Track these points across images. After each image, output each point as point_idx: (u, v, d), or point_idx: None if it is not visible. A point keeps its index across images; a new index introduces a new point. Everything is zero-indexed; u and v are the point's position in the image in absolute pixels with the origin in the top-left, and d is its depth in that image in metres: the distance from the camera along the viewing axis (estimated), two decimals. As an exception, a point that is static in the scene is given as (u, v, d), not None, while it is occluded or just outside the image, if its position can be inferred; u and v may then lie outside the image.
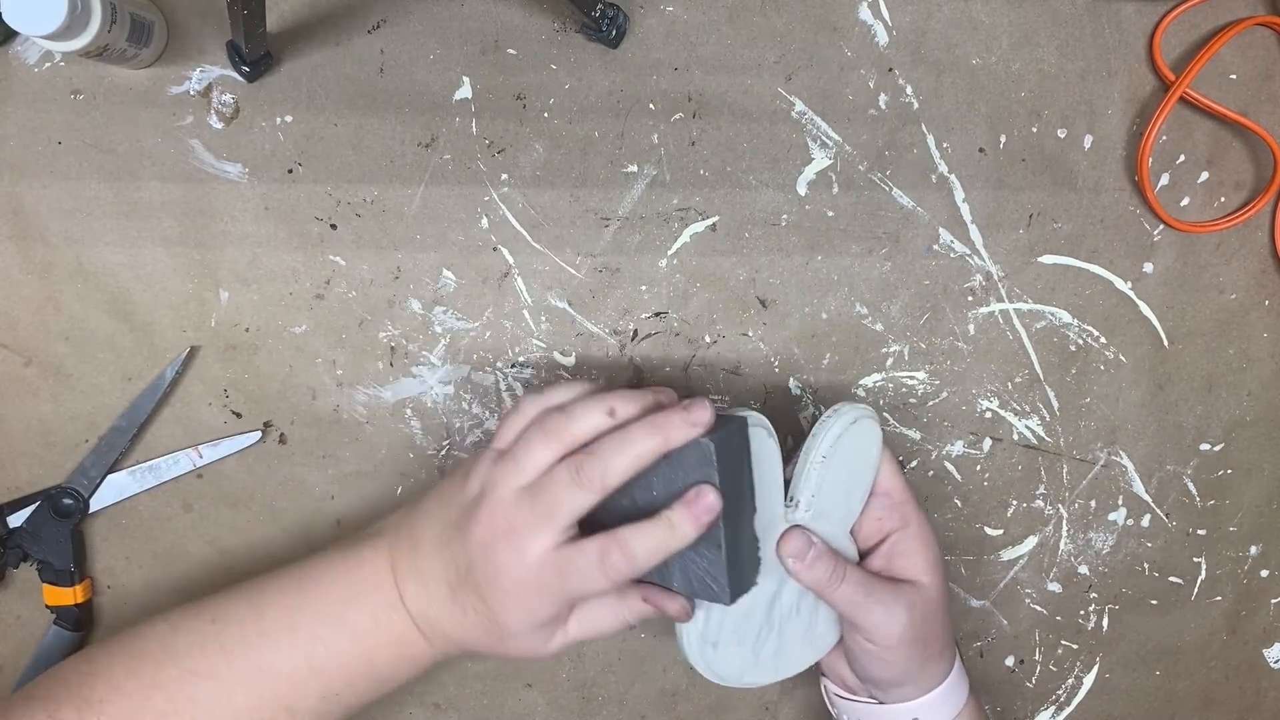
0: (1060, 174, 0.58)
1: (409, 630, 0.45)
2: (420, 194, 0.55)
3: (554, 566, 0.41)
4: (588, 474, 0.41)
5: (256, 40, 0.49)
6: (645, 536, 0.41)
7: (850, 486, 0.49)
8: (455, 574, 0.43)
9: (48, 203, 0.53)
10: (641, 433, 0.41)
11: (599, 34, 0.53)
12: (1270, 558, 0.62)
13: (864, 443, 0.49)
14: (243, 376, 0.55)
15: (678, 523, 0.42)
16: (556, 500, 0.41)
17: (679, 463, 0.42)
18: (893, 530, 0.50)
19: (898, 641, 0.47)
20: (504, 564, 0.42)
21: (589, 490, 0.41)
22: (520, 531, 0.41)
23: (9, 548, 0.54)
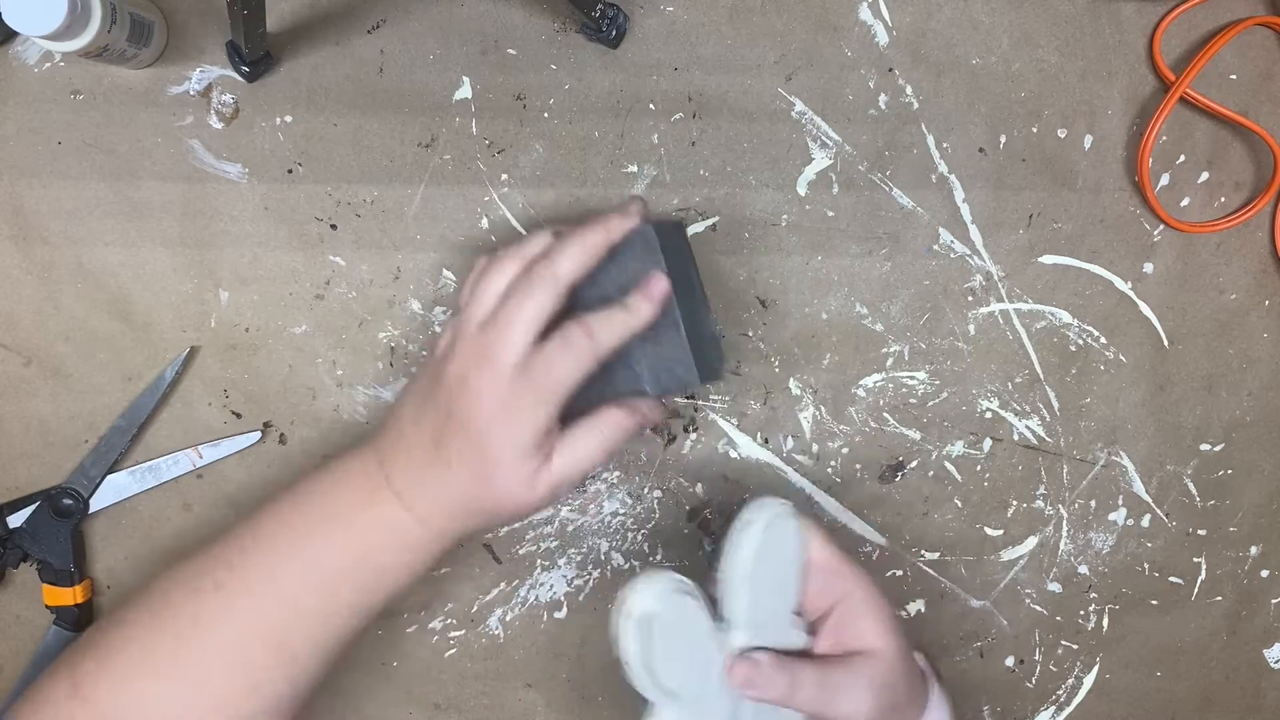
0: (1060, 174, 0.58)
1: (396, 511, 0.44)
2: (420, 194, 0.55)
3: (525, 368, 0.42)
4: (538, 274, 0.43)
5: (256, 40, 0.49)
6: (604, 318, 0.43)
7: (781, 585, 0.46)
8: (436, 424, 0.44)
9: (48, 203, 0.53)
10: (584, 230, 0.44)
11: (599, 34, 0.53)
12: (1270, 558, 0.62)
13: (784, 542, 0.46)
14: (243, 376, 0.55)
15: (633, 304, 0.44)
16: (515, 309, 0.42)
17: (626, 257, 0.45)
18: (836, 599, 0.47)
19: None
20: (480, 385, 0.42)
21: (543, 289, 0.42)
22: (489, 349, 0.42)
23: (9, 548, 0.54)
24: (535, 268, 0.43)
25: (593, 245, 0.44)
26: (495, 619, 0.58)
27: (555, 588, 0.58)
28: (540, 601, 0.58)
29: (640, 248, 0.45)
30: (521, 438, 0.43)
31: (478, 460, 0.43)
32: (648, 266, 0.45)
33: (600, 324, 0.43)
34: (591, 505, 0.58)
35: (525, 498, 0.44)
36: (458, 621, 0.58)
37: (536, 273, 0.43)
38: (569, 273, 0.43)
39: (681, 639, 0.44)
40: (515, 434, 0.42)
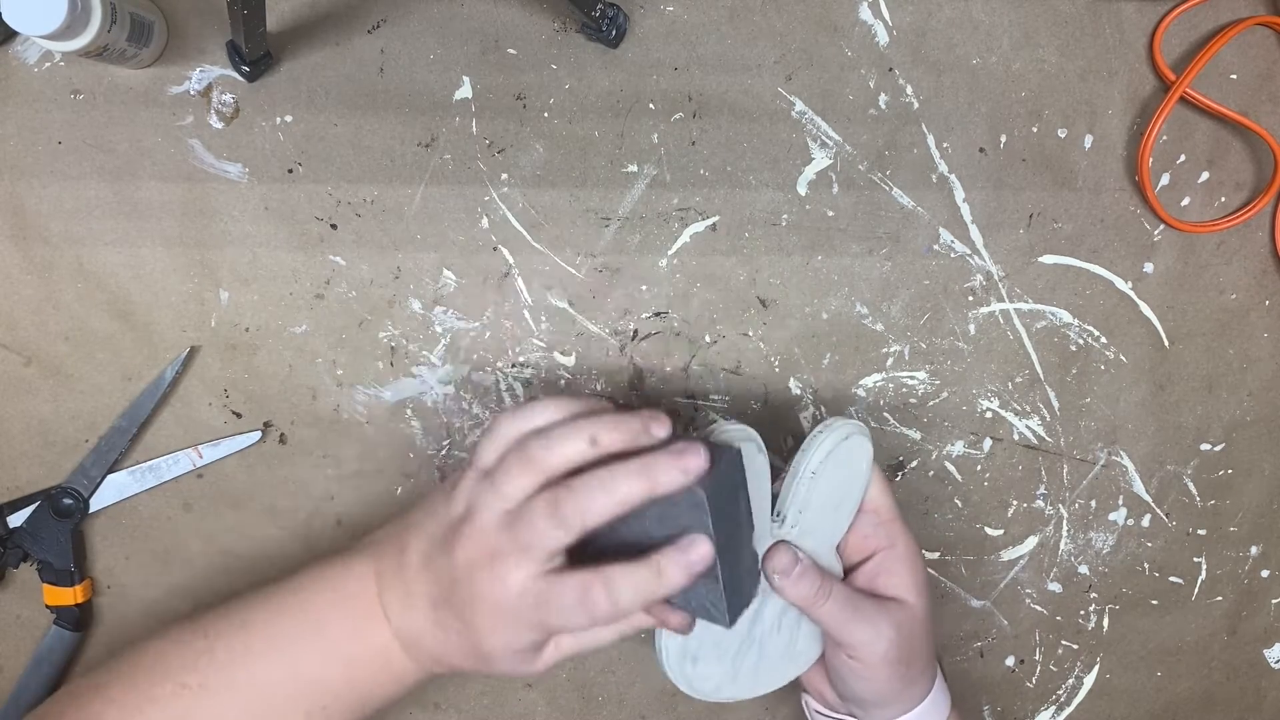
0: (1060, 174, 0.58)
1: (390, 644, 0.44)
2: (420, 194, 0.55)
3: (534, 597, 0.40)
4: (565, 512, 0.39)
5: (256, 40, 0.49)
6: (630, 579, 0.40)
7: (838, 503, 0.48)
8: (438, 591, 0.43)
9: (48, 203, 0.53)
10: (626, 476, 0.39)
11: (599, 34, 0.53)
12: (1271, 558, 0.62)
13: (854, 459, 0.48)
14: (243, 376, 0.55)
15: (666, 569, 0.40)
16: (535, 533, 0.40)
17: (672, 504, 0.40)
18: (879, 548, 0.49)
19: (881, 660, 0.46)
20: (484, 590, 0.41)
21: (566, 529, 0.39)
22: (500, 559, 0.40)
23: (9, 548, 0.54)
24: (566, 504, 0.39)
25: (631, 500, 0.39)
26: (495, 619, 0.58)
27: (555, 588, 0.58)
28: (540, 601, 0.58)
29: (688, 504, 0.40)
30: (517, 647, 0.42)
31: (473, 647, 0.42)
32: (692, 523, 0.40)
33: (624, 584, 0.40)
34: (591, 505, 0.58)
35: (524, 673, 0.44)
36: (458, 621, 0.58)
37: (565, 511, 0.39)
38: (597, 521, 0.39)
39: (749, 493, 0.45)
40: (511, 643, 0.42)
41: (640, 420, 0.41)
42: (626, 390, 0.57)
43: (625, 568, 0.40)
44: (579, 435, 0.41)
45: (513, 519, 0.41)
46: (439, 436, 0.57)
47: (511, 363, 0.57)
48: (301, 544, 0.57)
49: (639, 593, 0.40)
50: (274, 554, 0.57)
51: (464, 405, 0.57)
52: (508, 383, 0.57)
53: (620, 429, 0.41)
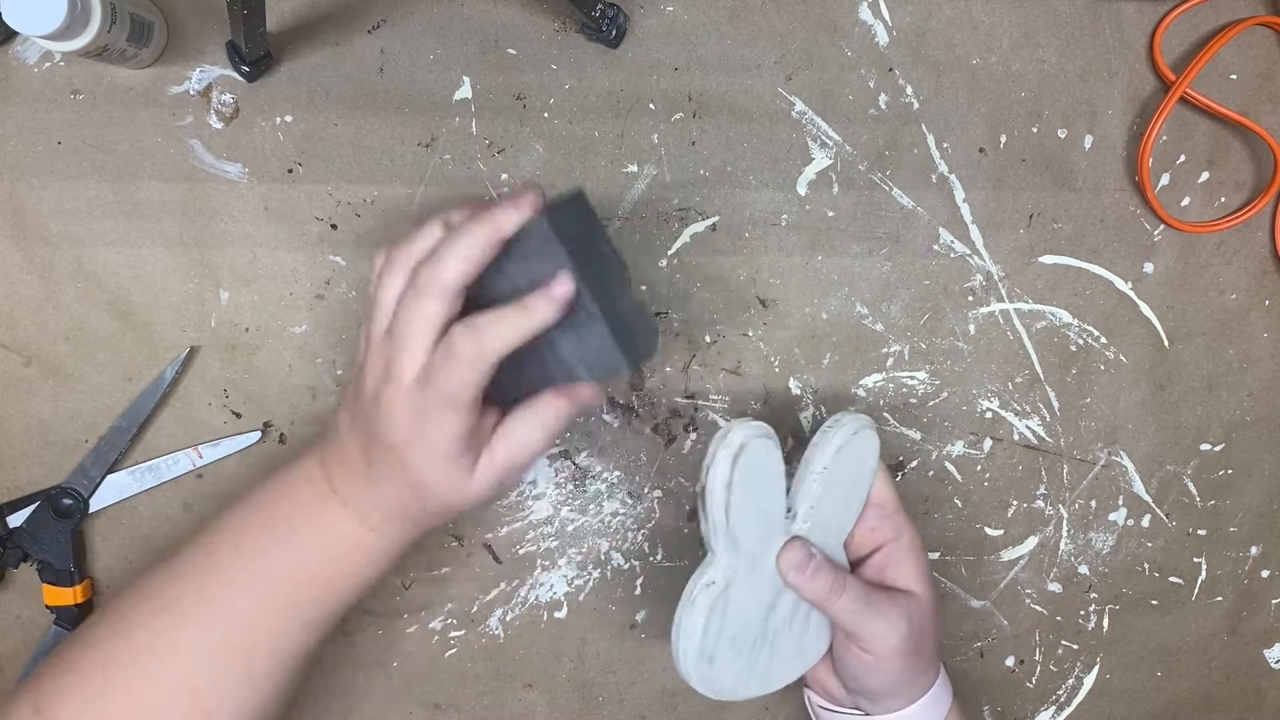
0: (1060, 174, 0.58)
1: (344, 519, 0.44)
2: (420, 194, 0.55)
3: (424, 380, 0.41)
4: (422, 282, 0.40)
5: (256, 40, 0.49)
6: (494, 320, 0.40)
7: (848, 498, 0.49)
8: (363, 438, 0.43)
9: (48, 203, 0.53)
10: (469, 227, 0.41)
11: (599, 34, 0.53)
12: (1271, 558, 0.62)
13: (863, 454, 0.49)
14: (243, 376, 0.55)
15: (531, 304, 0.41)
16: (408, 320, 0.41)
17: (528, 253, 0.42)
18: (885, 541, 0.49)
19: (894, 652, 0.47)
20: (389, 401, 0.41)
21: (429, 296, 0.40)
22: (391, 365, 0.41)
23: (9, 548, 0.54)
24: (421, 274, 0.41)
25: (479, 246, 0.41)
26: (495, 619, 0.58)
27: (555, 588, 0.58)
28: (540, 601, 0.58)
29: (539, 241, 0.42)
30: (439, 447, 0.42)
31: (403, 474, 0.43)
32: (550, 261, 0.42)
33: (490, 327, 0.40)
34: (591, 505, 0.58)
35: (466, 495, 0.44)
36: (458, 621, 0.58)
37: (423, 280, 0.41)
38: (456, 278, 0.41)
39: (758, 487, 0.45)
40: (432, 445, 0.42)
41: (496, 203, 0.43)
42: (627, 390, 0.57)
43: (489, 315, 0.41)
44: (433, 224, 0.43)
45: (391, 325, 0.42)
46: (439, 436, 0.57)
47: (511, 363, 0.57)
48: (301, 544, 0.57)
49: (505, 330, 0.40)
50: (274, 554, 0.57)
51: (464, 405, 0.57)
52: (508, 383, 0.57)
53: (469, 208, 0.43)
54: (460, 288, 0.41)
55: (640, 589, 0.59)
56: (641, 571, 0.58)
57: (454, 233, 0.41)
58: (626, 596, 0.59)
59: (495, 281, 0.43)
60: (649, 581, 0.59)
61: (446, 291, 0.40)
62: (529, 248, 0.42)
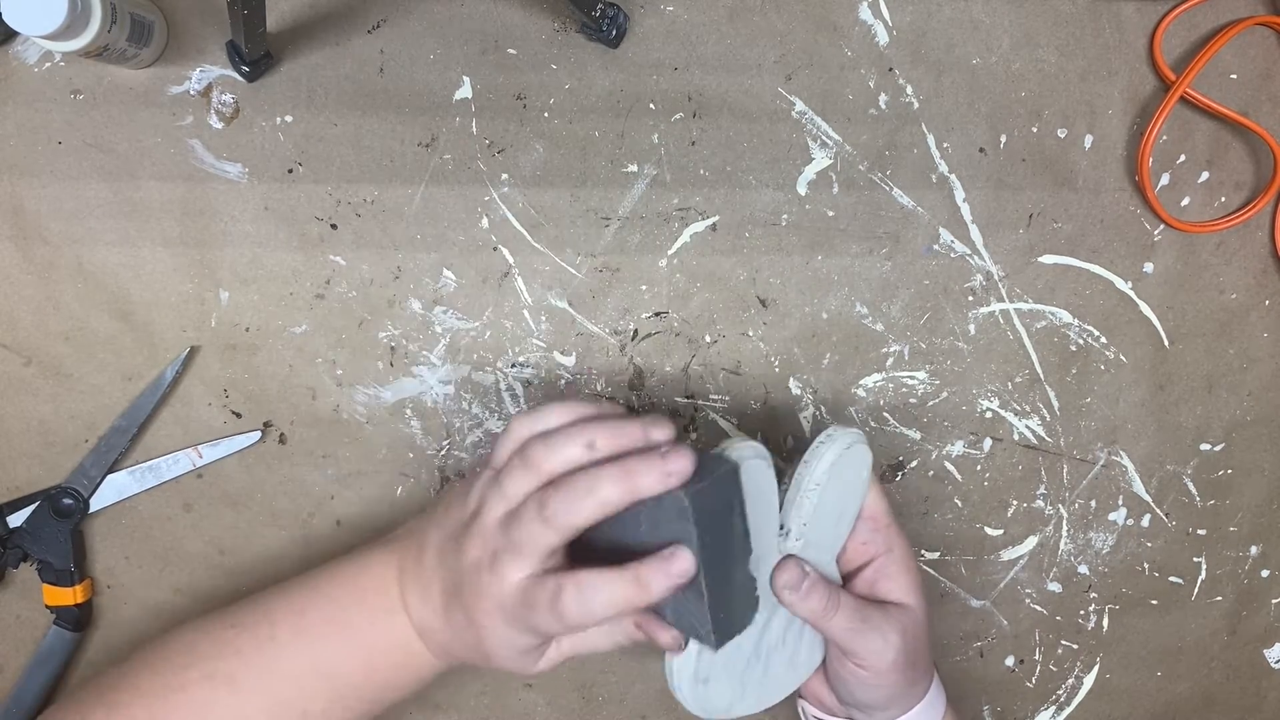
0: (1060, 174, 0.58)
1: (409, 636, 0.45)
2: (420, 194, 0.55)
3: (523, 596, 0.41)
4: (549, 512, 0.40)
5: (256, 40, 0.49)
6: (605, 585, 0.40)
7: (841, 514, 0.48)
8: (451, 586, 0.44)
9: (48, 203, 0.53)
10: (608, 479, 0.40)
11: (599, 34, 0.53)
12: (1270, 558, 0.62)
13: (855, 469, 0.48)
14: (243, 376, 0.55)
15: (644, 577, 0.40)
16: (525, 535, 0.41)
17: (659, 508, 0.40)
18: (877, 554, 0.49)
19: (889, 666, 0.46)
20: (485, 588, 0.42)
21: (552, 530, 0.40)
22: (499, 558, 0.41)
23: (9, 548, 0.54)
24: (552, 504, 0.40)
25: (613, 502, 0.40)
26: (495, 619, 0.58)
27: (555, 588, 0.58)
28: (540, 601, 0.58)
29: (674, 510, 0.40)
30: (517, 647, 0.43)
31: (478, 643, 0.44)
32: (677, 528, 0.40)
33: (598, 590, 0.40)
34: (591, 505, 0.58)
35: (526, 672, 0.46)
36: (458, 621, 0.58)
37: (551, 512, 0.40)
38: (580, 524, 0.40)
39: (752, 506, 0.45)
40: (511, 642, 0.43)
41: (640, 425, 0.42)
42: (627, 390, 0.57)
43: (601, 573, 0.40)
44: (578, 439, 0.41)
45: (509, 521, 0.42)
46: (439, 436, 0.57)
47: (511, 363, 0.57)
48: (301, 544, 0.57)
49: (613, 599, 0.40)
50: (274, 554, 0.57)
51: (464, 405, 0.57)
52: (508, 383, 0.57)
53: (619, 433, 0.41)
54: (582, 530, 0.41)
55: (640, 589, 0.58)
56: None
57: (596, 476, 0.40)
58: (626, 596, 0.59)
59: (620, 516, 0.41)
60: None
61: (569, 531, 0.40)
62: (663, 507, 0.40)
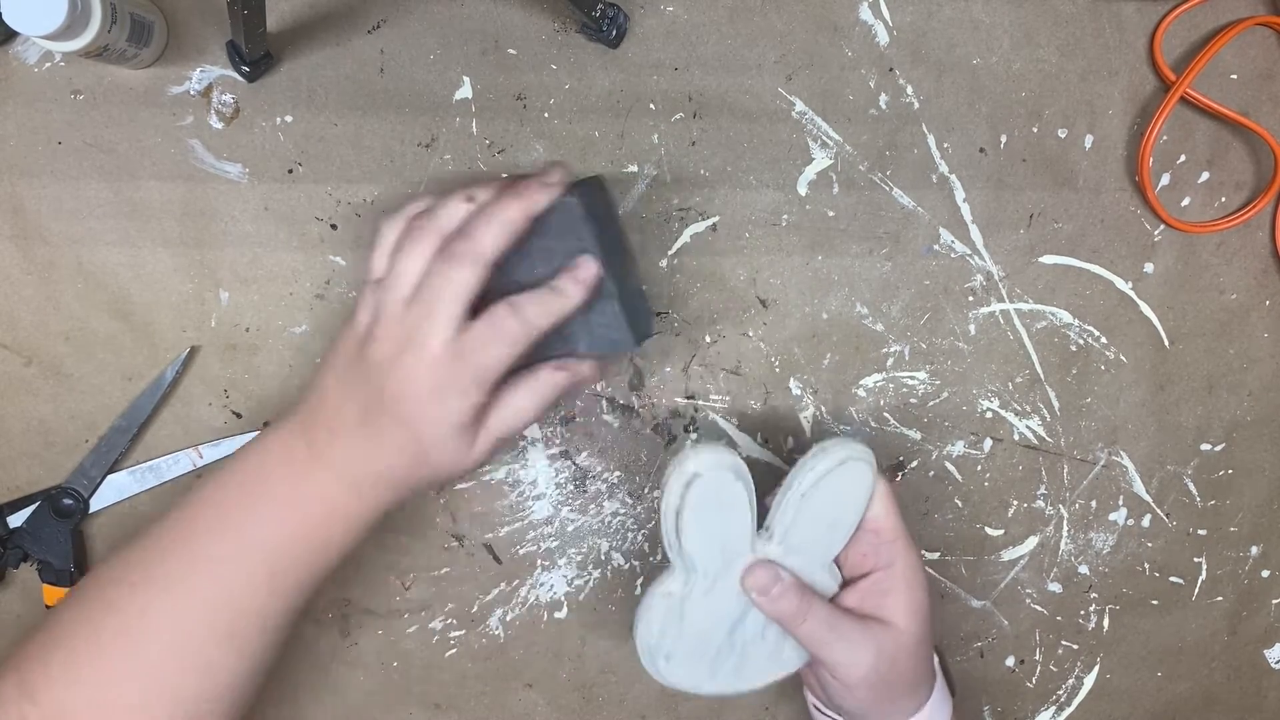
0: (1061, 174, 0.58)
1: (329, 485, 0.44)
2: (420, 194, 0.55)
3: (454, 352, 0.41)
4: (458, 251, 0.41)
5: (256, 40, 0.49)
6: (534, 301, 0.43)
7: (833, 523, 0.48)
8: (363, 401, 0.43)
9: (48, 203, 0.53)
10: (503, 202, 0.42)
11: (599, 34, 0.53)
12: (1271, 558, 0.62)
13: (851, 483, 0.47)
14: (243, 376, 0.55)
15: (563, 286, 0.43)
16: (440, 290, 0.41)
17: (552, 227, 0.44)
18: (877, 568, 0.48)
19: (860, 681, 0.46)
20: (409, 369, 0.42)
21: (464, 266, 0.41)
22: (416, 333, 0.42)
23: (9, 548, 0.54)
24: (455, 245, 0.42)
25: (512, 220, 0.42)
26: (495, 619, 0.58)
27: (555, 588, 0.58)
28: (540, 601, 0.58)
29: (565, 220, 0.44)
30: (454, 419, 0.42)
31: (410, 440, 0.43)
32: (575, 242, 0.44)
33: (530, 307, 0.43)
34: (592, 506, 0.58)
35: (461, 465, 0.44)
36: (458, 621, 0.58)
37: (457, 251, 0.42)
38: (491, 250, 0.42)
39: (714, 514, 0.45)
40: (448, 416, 0.42)
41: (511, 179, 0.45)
42: (627, 390, 0.57)
43: (529, 296, 0.43)
44: (457, 197, 0.44)
45: (416, 295, 0.42)
46: (439, 436, 0.57)
47: (511, 363, 0.56)
48: (301, 544, 0.57)
49: (542, 310, 0.43)
50: (274, 554, 0.56)
51: (464, 405, 0.57)
52: (508, 383, 0.57)
53: (490, 185, 0.45)
54: (494, 259, 0.42)
55: (640, 589, 0.59)
56: (641, 571, 0.58)
57: (487, 206, 0.43)
58: (626, 596, 0.59)
59: (515, 262, 0.44)
60: (649, 582, 0.58)
61: (481, 261, 0.41)
62: (554, 225, 0.43)
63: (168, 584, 0.43)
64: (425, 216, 0.44)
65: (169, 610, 0.43)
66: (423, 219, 0.44)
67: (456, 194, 0.44)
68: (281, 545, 0.44)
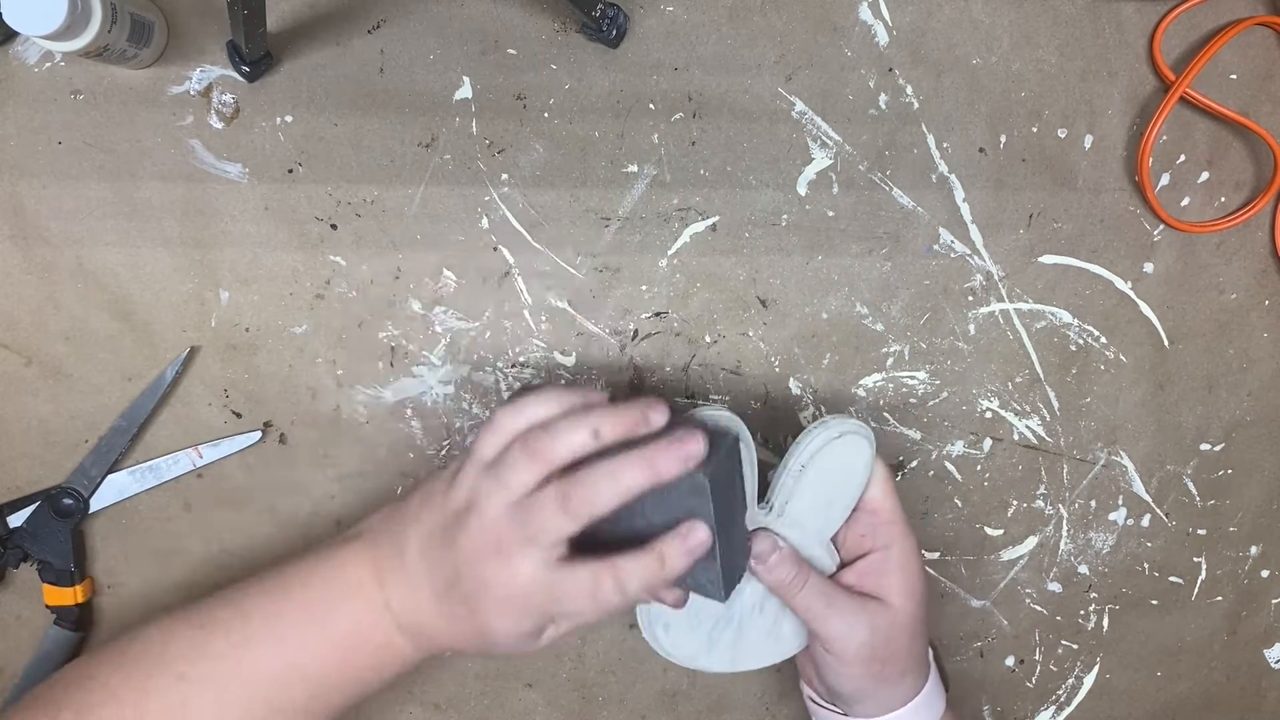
0: (1060, 174, 0.58)
1: (392, 633, 0.45)
2: (420, 194, 0.55)
3: (544, 586, 0.41)
4: (574, 504, 0.40)
5: (256, 40, 0.49)
6: (637, 568, 0.41)
7: (831, 499, 0.48)
8: (442, 581, 0.43)
9: (48, 203, 0.53)
10: (631, 466, 0.41)
11: (599, 34, 0.53)
12: (1270, 558, 0.62)
13: (849, 458, 0.48)
14: (243, 376, 0.55)
15: (669, 556, 0.42)
16: (543, 524, 0.41)
17: (674, 489, 0.42)
18: (875, 548, 0.49)
19: (853, 657, 0.46)
20: (492, 579, 0.41)
21: (574, 519, 0.41)
22: (508, 550, 0.41)
23: (9, 548, 0.54)
24: (574, 495, 0.40)
25: (636, 489, 0.41)
26: (495, 619, 0.58)
27: (555, 588, 0.58)
28: (540, 601, 0.58)
29: (689, 489, 0.41)
30: (524, 633, 0.43)
31: (477, 634, 0.43)
32: (692, 509, 0.42)
33: (633, 580, 0.41)
34: (591, 505, 0.58)
35: (524, 652, 0.46)
36: (458, 621, 0.58)
37: (574, 503, 0.40)
38: (604, 509, 0.41)
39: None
40: (519, 630, 0.43)
41: (639, 409, 0.43)
42: (627, 390, 0.57)
43: (632, 557, 0.42)
44: (582, 427, 0.42)
45: (518, 510, 0.41)
46: (439, 436, 0.57)
47: (511, 363, 0.57)
48: (301, 544, 0.57)
49: (644, 580, 0.42)
50: (274, 554, 0.56)
51: (464, 405, 0.57)
52: (508, 383, 0.57)
53: (621, 420, 0.42)
54: (605, 516, 0.41)
55: (640, 589, 0.59)
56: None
57: (617, 464, 0.41)
58: (626, 596, 0.59)
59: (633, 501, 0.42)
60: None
61: (591, 517, 0.41)
62: (678, 488, 0.41)
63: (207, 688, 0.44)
64: (546, 434, 0.42)
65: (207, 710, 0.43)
66: (542, 436, 0.42)
67: (583, 420, 0.42)
68: (327, 674, 0.45)
